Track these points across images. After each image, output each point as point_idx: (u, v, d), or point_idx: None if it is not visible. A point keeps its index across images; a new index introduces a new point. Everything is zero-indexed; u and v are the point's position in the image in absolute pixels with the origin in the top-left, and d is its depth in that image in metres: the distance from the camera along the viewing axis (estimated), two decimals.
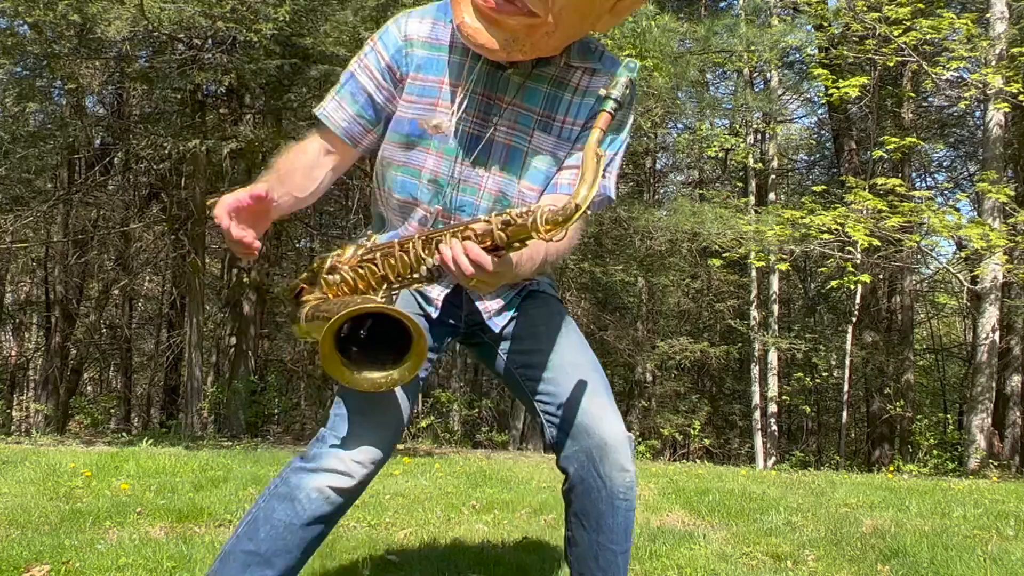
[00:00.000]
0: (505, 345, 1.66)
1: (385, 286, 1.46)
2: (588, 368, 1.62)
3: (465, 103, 1.55)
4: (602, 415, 1.57)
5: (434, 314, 1.61)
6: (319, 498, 1.55)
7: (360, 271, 1.48)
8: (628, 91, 1.38)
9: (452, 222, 1.53)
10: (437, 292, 1.61)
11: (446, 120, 1.54)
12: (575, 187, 1.31)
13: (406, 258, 1.42)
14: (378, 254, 1.46)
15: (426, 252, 1.40)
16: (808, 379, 12.80)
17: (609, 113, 1.36)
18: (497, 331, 1.64)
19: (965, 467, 8.94)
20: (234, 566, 1.59)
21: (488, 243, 1.34)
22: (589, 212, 1.33)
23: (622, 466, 1.58)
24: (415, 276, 1.44)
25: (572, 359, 1.62)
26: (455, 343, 1.75)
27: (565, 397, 1.59)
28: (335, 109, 1.64)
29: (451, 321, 1.66)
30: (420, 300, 1.62)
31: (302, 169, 1.63)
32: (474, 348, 1.75)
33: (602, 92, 1.39)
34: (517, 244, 1.34)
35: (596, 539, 1.65)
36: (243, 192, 1.45)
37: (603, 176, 1.40)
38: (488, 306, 1.63)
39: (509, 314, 1.65)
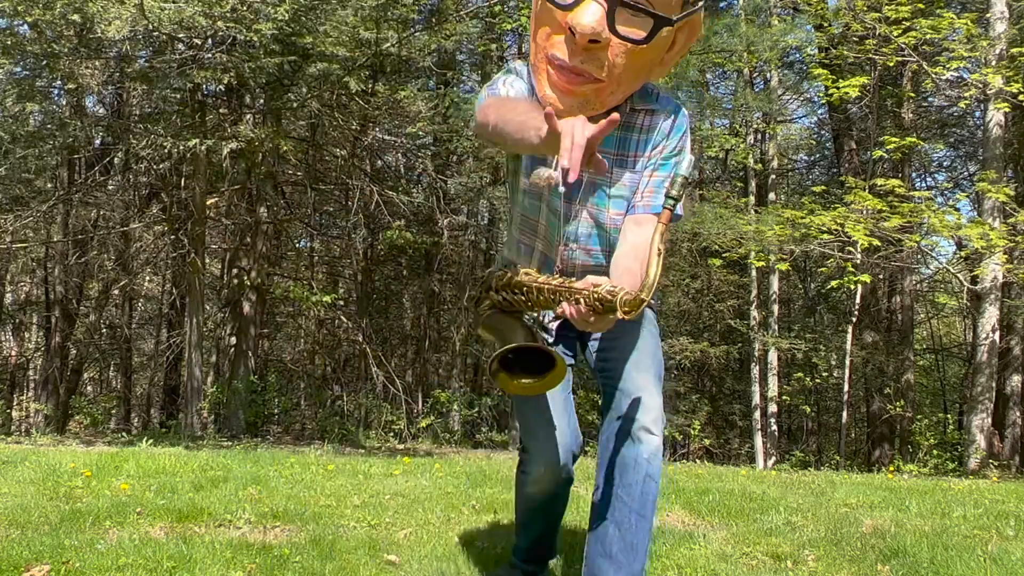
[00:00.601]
0: (593, 345, 2.06)
1: (529, 311, 1.88)
2: (646, 358, 1.96)
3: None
4: (644, 386, 1.90)
5: (550, 339, 2.03)
6: (535, 492, 2.08)
7: (518, 296, 1.84)
8: (687, 177, 1.68)
9: (568, 250, 1.95)
10: (552, 325, 2.03)
11: (555, 174, 1.76)
12: (645, 209, 1.87)
13: (542, 299, 1.79)
14: (534, 287, 1.80)
15: (554, 300, 1.75)
16: (808, 379, 12.80)
17: (668, 209, 1.65)
18: (592, 342, 2.05)
19: (965, 467, 8.94)
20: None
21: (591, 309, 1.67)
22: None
23: (647, 427, 1.86)
24: (545, 315, 1.99)
25: (635, 353, 1.96)
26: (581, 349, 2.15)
27: (621, 377, 1.93)
28: (504, 85, 1.92)
29: (570, 335, 2.07)
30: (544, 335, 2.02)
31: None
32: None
33: (665, 190, 1.68)
34: (609, 314, 1.65)
35: (616, 491, 1.91)
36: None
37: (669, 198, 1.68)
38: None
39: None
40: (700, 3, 1.84)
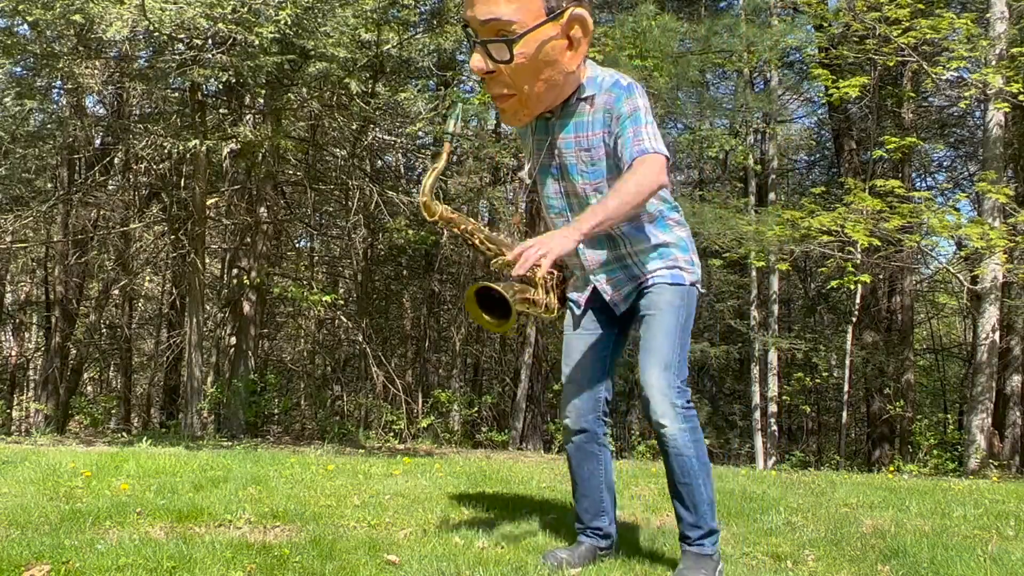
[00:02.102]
0: (636, 326, 2.49)
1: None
2: (654, 344, 2.36)
3: (539, 147, 2.45)
4: (648, 376, 2.33)
5: (578, 311, 2.54)
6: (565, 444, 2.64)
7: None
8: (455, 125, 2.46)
9: (558, 223, 2.46)
10: (577, 297, 2.54)
11: (517, 216, 2.77)
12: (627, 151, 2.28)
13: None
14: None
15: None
16: (808, 379, 12.79)
17: (448, 143, 2.42)
18: (619, 313, 2.49)
19: (965, 467, 8.94)
20: None
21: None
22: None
23: (658, 420, 2.30)
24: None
25: (649, 338, 2.37)
26: (621, 321, 2.55)
27: (638, 364, 2.37)
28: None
29: (600, 307, 2.51)
30: (572, 305, 2.56)
31: None
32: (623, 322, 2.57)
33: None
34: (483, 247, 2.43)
35: (669, 471, 2.35)
36: None
37: (638, 140, 2.26)
38: (612, 297, 2.48)
39: (628, 303, 2.47)
40: (559, 10, 2.22)
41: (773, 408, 12.25)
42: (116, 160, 11.33)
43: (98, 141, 10.95)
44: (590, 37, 2.30)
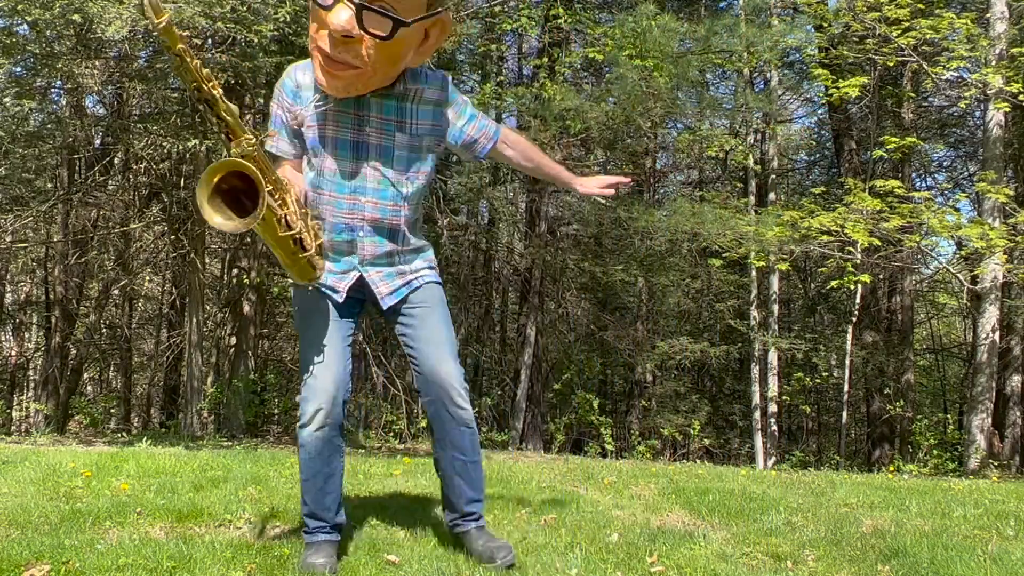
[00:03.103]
0: (395, 318, 2.48)
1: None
2: (443, 337, 2.45)
3: (341, 119, 2.33)
4: (442, 366, 2.41)
5: (338, 297, 2.42)
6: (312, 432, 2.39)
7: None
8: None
9: (357, 204, 2.36)
10: (342, 286, 2.42)
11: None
12: (491, 140, 2.54)
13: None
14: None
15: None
16: (808, 379, 12.79)
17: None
18: (386, 308, 2.46)
19: (965, 467, 8.94)
20: None
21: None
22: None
23: (459, 404, 2.42)
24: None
25: (433, 331, 2.45)
26: (367, 315, 2.50)
27: (425, 357, 2.43)
28: (276, 142, 2.42)
29: (359, 298, 2.47)
30: (330, 292, 2.42)
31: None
32: (382, 318, 2.56)
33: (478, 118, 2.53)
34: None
35: (452, 454, 2.48)
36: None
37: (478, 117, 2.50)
38: (381, 290, 2.44)
39: (397, 297, 2.46)
40: (439, 9, 2.24)
41: (773, 408, 12.25)
42: (116, 160, 11.33)
43: (98, 141, 10.94)
44: (441, 42, 2.37)
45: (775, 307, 12.67)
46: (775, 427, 12.42)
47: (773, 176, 13.65)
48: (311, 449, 2.36)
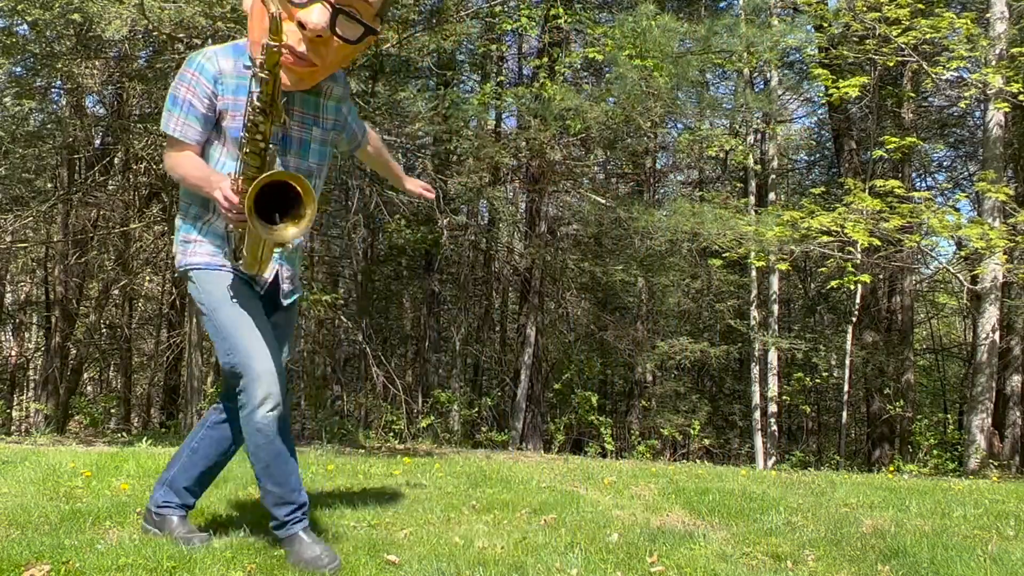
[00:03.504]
0: (275, 314, 2.56)
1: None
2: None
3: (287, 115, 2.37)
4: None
5: (261, 292, 2.50)
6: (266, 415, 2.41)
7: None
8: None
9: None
10: (263, 280, 2.49)
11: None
12: (368, 136, 2.82)
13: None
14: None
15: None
16: (808, 379, 12.79)
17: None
18: (285, 304, 2.57)
19: (965, 467, 8.94)
20: None
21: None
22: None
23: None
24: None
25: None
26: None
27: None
28: (182, 127, 2.39)
29: (270, 292, 2.54)
30: (252, 283, 2.48)
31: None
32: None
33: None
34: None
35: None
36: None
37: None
38: (285, 287, 2.54)
39: (288, 300, 2.57)
40: (380, 27, 2.36)
41: (773, 408, 12.25)
42: (116, 160, 11.32)
43: (98, 141, 10.94)
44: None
45: (775, 307, 12.67)
46: (775, 427, 12.42)
47: (773, 176, 13.65)
48: (269, 432, 2.34)
